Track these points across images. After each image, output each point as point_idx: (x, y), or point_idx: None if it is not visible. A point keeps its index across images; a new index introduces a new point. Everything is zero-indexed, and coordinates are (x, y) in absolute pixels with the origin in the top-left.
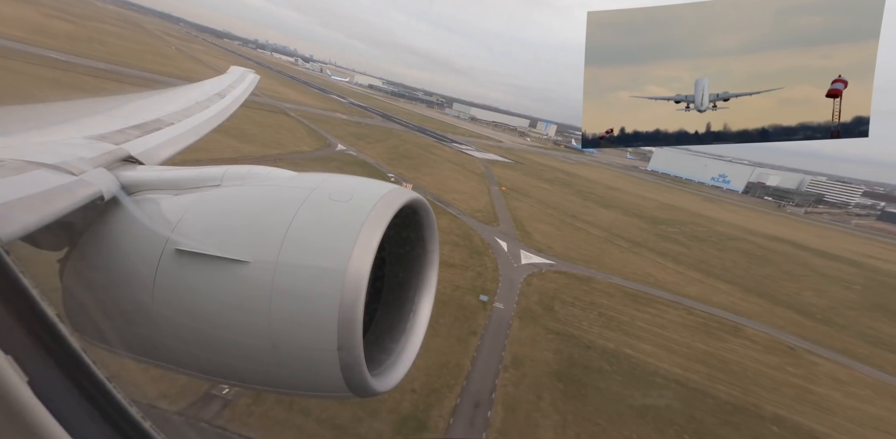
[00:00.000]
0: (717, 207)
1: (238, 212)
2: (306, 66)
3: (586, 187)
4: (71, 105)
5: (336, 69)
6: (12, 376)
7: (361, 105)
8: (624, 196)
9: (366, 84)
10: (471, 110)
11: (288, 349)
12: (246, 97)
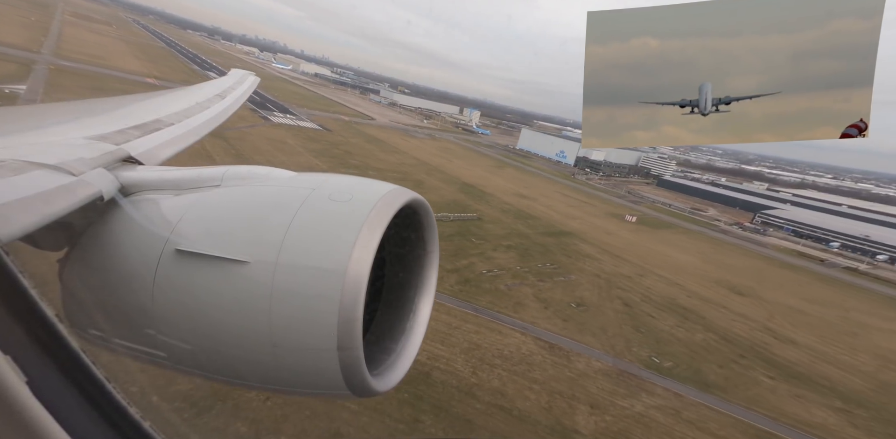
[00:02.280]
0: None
1: (238, 212)
2: (259, 55)
3: (355, 150)
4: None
5: (283, 58)
6: (11, 376)
7: None
8: (384, 155)
9: (311, 72)
10: (393, 96)
11: (288, 349)
12: (246, 98)
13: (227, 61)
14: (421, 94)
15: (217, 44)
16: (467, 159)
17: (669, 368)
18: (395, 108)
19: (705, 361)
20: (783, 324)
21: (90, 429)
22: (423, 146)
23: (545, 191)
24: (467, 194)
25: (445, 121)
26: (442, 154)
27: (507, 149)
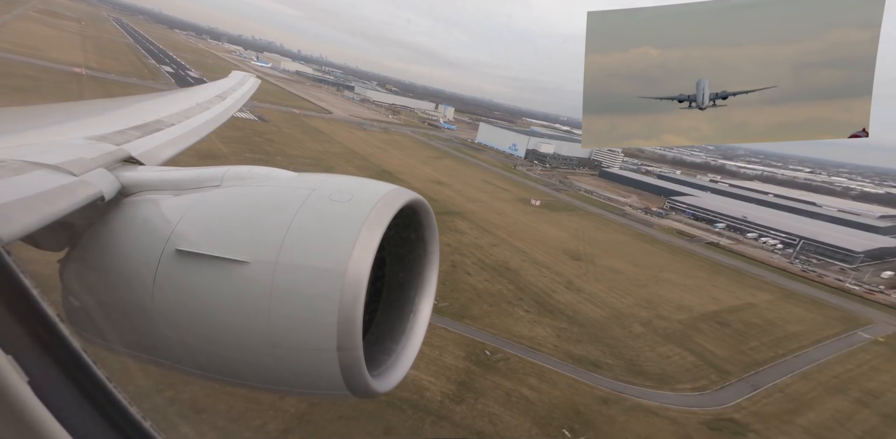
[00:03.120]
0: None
1: (238, 212)
2: (242, 53)
3: (281, 139)
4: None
5: (268, 57)
6: (12, 376)
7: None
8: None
9: (293, 70)
10: (367, 93)
11: (288, 349)
12: (246, 100)
13: (200, 58)
14: (416, 93)
15: (201, 42)
16: (408, 150)
17: (442, 307)
18: (366, 104)
19: (481, 302)
20: (587, 279)
21: (91, 429)
22: (367, 138)
23: (468, 178)
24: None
25: (414, 117)
26: (381, 145)
27: (464, 142)
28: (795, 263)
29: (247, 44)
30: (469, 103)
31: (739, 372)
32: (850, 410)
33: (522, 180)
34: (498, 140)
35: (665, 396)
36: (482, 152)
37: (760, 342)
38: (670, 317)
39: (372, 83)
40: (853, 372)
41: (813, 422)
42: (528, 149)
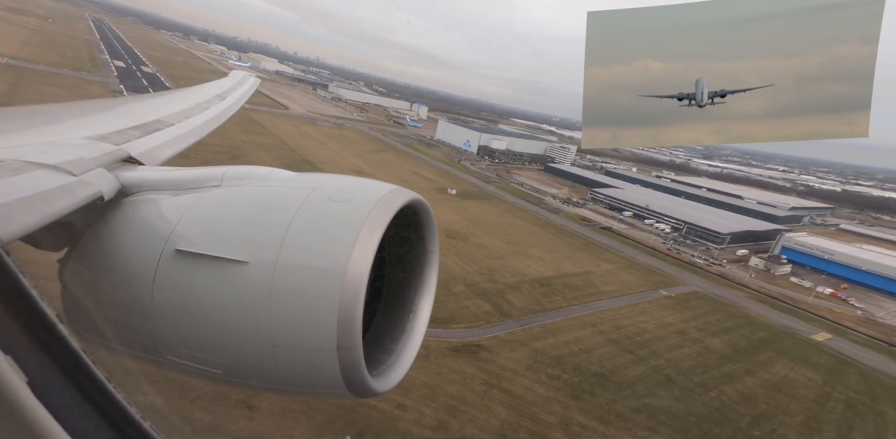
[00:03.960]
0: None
1: (238, 212)
2: (225, 53)
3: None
4: (71, 105)
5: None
6: (12, 376)
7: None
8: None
9: (272, 70)
10: (339, 91)
11: (287, 349)
12: (246, 99)
13: (170, 56)
14: (405, 94)
15: (184, 43)
16: (349, 144)
17: None
18: (336, 102)
19: None
20: (447, 253)
21: (90, 429)
22: (311, 132)
23: (396, 170)
24: (291, 168)
25: (382, 115)
26: (322, 139)
27: (422, 139)
28: (668, 243)
29: (241, 45)
30: (461, 104)
31: (519, 316)
32: (586, 337)
33: (457, 173)
34: (454, 137)
35: (433, 332)
36: (435, 148)
37: (564, 297)
38: (500, 280)
39: (359, 84)
40: (618, 315)
41: (546, 344)
42: (481, 146)
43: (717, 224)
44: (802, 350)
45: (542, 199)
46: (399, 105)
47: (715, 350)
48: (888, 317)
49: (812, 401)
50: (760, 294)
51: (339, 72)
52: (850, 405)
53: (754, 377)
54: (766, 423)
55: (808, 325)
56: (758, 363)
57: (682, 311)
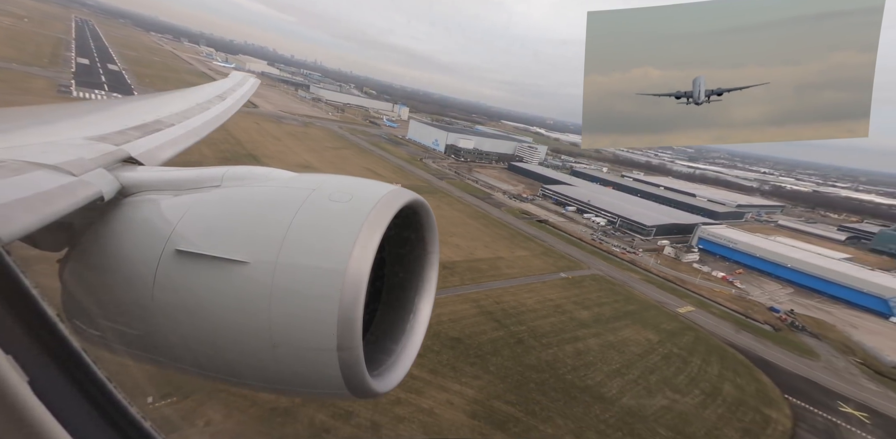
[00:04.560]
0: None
1: (238, 212)
2: (212, 53)
3: None
4: (71, 105)
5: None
6: (12, 376)
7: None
8: None
9: (258, 71)
10: (320, 92)
11: (287, 349)
12: (246, 100)
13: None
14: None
15: (171, 44)
16: (308, 141)
17: None
18: (315, 102)
19: None
20: None
21: (91, 429)
22: (272, 129)
23: (348, 165)
24: (231, 161)
25: (360, 115)
26: (280, 136)
27: (393, 138)
28: (596, 234)
29: (237, 48)
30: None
31: None
32: (462, 310)
33: (413, 170)
34: (424, 136)
35: None
36: (403, 146)
37: (461, 278)
38: None
39: (349, 86)
40: (505, 293)
41: None
42: (448, 145)
43: (647, 217)
44: (659, 319)
45: (491, 195)
46: (382, 106)
47: (579, 319)
48: (759, 296)
49: (636, 355)
50: (655, 276)
51: (335, 74)
52: (666, 357)
53: (598, 338)
54: (583, 370)
55: (681, 301)
56: (610, 329)
57: (569, 290)
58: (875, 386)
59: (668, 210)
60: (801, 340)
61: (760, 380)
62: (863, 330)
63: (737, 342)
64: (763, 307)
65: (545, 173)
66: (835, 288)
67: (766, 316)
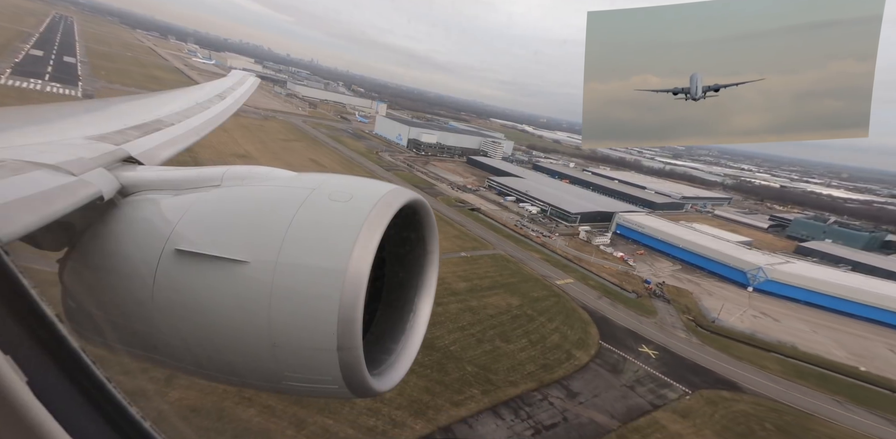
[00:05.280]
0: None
1: (238, 212)
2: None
3: None
4: (71, 105)
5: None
6: (12, 376)
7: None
8: None
9: (240, 68)
10: (296, 88)
11: (288, 349)
12: (246, 99)
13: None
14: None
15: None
16: (260, 133)
17: None
18: (290, 98)
19: None
20: None
21: (90, 429)
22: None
23: (291, 156)
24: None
25: (333, 111)
26: (230, 127)
27: (358, 132)
28: (522, 221)
29: (231, 47)
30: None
31: None
32: None
33: (363, 162)
34: (389, 131)
35: None
36: (366, 140)
37: None
38: None
39: (337, 84)
40: None
41: None
42: (410, 139)
43: (575, 205)
44: (532, 289)
45: (435, 185)
46: (361, 103)
47: (454, 290)
48: (644, 271)
49: (488, 316)
50: (557, 256)
51: (330, 73)
52: (516, 317)
53: (462, 304)
54: (433, 328)
55: (565, 275)
56: (478, 296)
57: (460, 266)
58: (684, 335)
59: (604, 200)
60: (652, 304)
61: (588, 332)
62: (715, 297)
63: (592, 306)
64: (640, 280)
65: (500, 166)
66: (710, 263)
67: (637, 286)
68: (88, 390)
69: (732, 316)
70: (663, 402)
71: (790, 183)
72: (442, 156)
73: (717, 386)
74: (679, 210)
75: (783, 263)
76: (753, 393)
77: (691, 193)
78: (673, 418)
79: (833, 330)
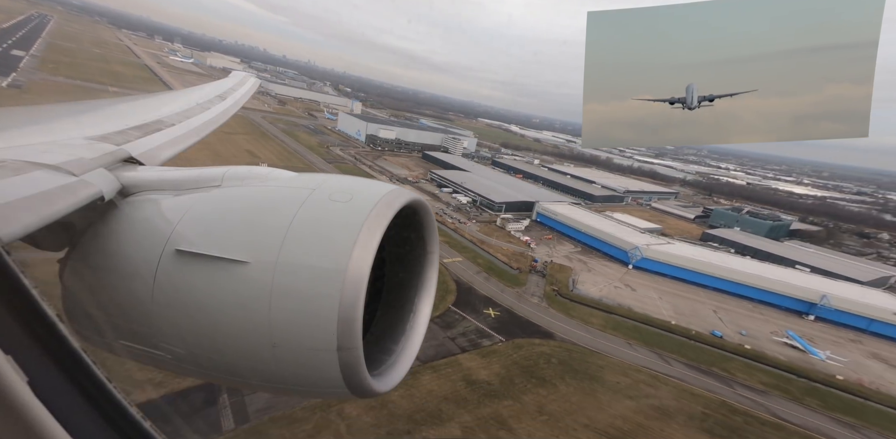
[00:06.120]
0: None
1: (238, 212)
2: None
3: None
4: (72, 106)
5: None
6: (12, 376)
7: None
8: None
9: (219, 67)
10: (269, 86)
11: (287, 349)
12: (247, 100)
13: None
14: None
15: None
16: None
17: None
18: (260, 96)
19: None
20: None
21: (90, 429)
22: None
23: (228, 146)
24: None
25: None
26: None
27: (319, 129)
28: (447, 210)
29: (225, 48)
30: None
31: None
32: None
33: (306, 154)
34: (349, 127)
35: None
36: (322, 136)
37: None
38: None
39: (324, 83)
40: None
41: None
42: (368, 135)
43: (502, 195)
44: None
45: (373, 178)
46: (338, 101)
47: None
48: (540, 253)
49: None
50: (463, 239)
51: (326, 75)
52: None
53: None
54: None
55: (457, 255)
56: None
57: None
58: (537, 301)
59: (541, 192)
60: (527, 278)
61: (445, 299)
62: (594, 273)
63: (466, 279)
64: (531, 259)
65: (452, 161)
66: (603, 245)
67: (524, 264)
68: (88, 390)
69: (596, 287)
70: (473, 347)
71: (761, 180)
72: (399, 152)
73: (533, 335)
74: (619, 202)
75: (663, 244)
76: (563, 340)
77: (636, 188)
78: (472, 358)
79: (678, 296)
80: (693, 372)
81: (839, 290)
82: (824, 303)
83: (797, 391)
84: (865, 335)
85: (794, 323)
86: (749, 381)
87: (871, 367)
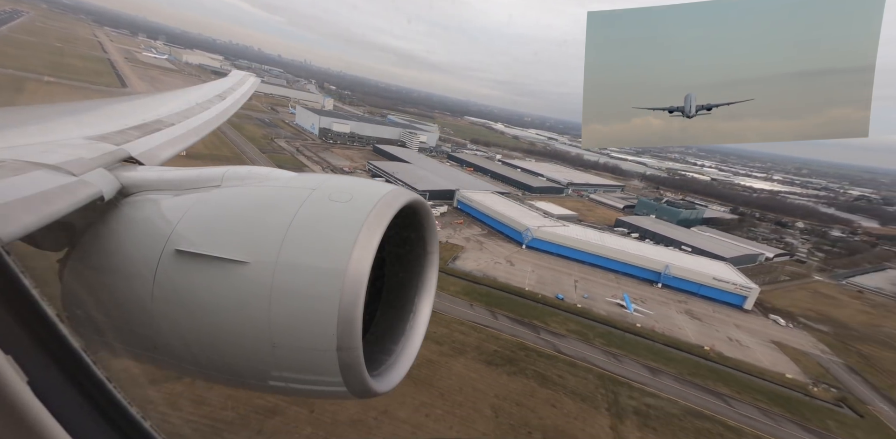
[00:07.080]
0: None
1: (238, 212)
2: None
3: None
4: (71, 105)
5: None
6: (12, 376)
7: None
8: None
9: (195, 63)
10: None
11: (287, 349)
12: (246, 99)
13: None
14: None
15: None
16: None
17: None
18: None
19: None
20: None
21: (90, 429)
22: None
23: None
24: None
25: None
26: None
27: (275, 122)
28: None
29: (218, 47)
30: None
31: None
32: None
33: (241, 144)
34: (305, 121)
35: None
36: (270, 128)
37: None
38: None
39: (311, 82)
40: None
41: None
42: (321, 128)
43: (428, 183)
44: None
45: (305, 167)
46: (310, 97)
47: None
48: (441, 234)
49: None
50: None
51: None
52: None
53: None
54: None
55: None
56: None
57: None
58: None
59: (476, 182)
60: None
61: None
62: (484, 252)
63: None
64: None
65: (400, 154)
66: (504, 228)
67: None
68: (88, 390)
69: (476, 262)
70: None
71: (730, 177)
72: (352, 146)
73: None
74: (558, 194)
75: (556, 226)
76: None
77: (581, 180)
78: None
79: (550, 270)
80: (513, 323)
81: (683, 262)
82: (667, 271)
83: (592, 335)
84: (695, 297)
85: (644, 290)
86: (558, 329)
87: (675, 319)
